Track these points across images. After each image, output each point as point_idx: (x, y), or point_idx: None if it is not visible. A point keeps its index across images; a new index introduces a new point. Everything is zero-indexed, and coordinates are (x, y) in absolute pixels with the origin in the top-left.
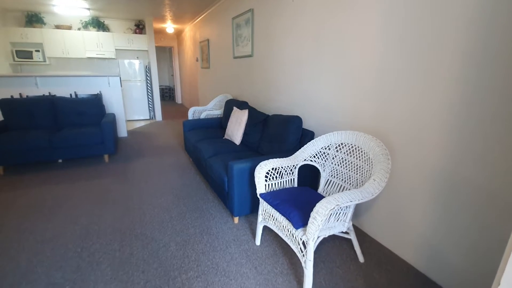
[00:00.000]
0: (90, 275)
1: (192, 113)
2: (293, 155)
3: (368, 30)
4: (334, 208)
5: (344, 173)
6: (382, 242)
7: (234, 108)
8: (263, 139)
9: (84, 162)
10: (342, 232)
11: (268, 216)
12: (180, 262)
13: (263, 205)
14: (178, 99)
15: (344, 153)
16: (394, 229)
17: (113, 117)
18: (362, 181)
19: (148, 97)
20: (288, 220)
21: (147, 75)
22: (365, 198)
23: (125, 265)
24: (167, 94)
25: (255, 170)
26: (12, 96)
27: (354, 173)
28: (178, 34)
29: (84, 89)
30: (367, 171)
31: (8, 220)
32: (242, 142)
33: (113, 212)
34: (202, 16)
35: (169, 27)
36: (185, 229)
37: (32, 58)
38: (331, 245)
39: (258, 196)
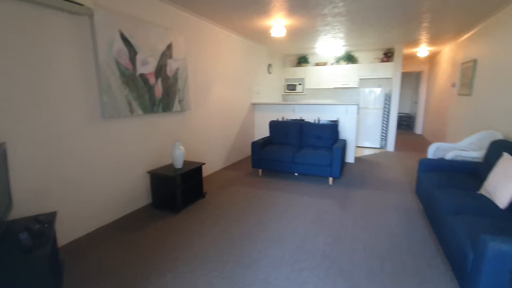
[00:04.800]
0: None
1: (434, 150)
2: None
3: None
4: None
5: None
6: None
7: (505, 154)
8: None
9: (312, 179)
10: None
11: None
12: None
13: None
14: (418, 129)
15: None
16: None
17: (344, 143)
18: None
19: (382, 125)
20: None
21: (386, 102)
22: None
23: None
24: (405, 122)
25: None
26: (277, 119)
27: None
28: (432, 57)
29: (326, 115)
30: None
31: (254, 211)
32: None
33: (325, 237)
34: (472, 32)
35: (422, 50)
36: None
37: (295, 90)
38: None
39: None
